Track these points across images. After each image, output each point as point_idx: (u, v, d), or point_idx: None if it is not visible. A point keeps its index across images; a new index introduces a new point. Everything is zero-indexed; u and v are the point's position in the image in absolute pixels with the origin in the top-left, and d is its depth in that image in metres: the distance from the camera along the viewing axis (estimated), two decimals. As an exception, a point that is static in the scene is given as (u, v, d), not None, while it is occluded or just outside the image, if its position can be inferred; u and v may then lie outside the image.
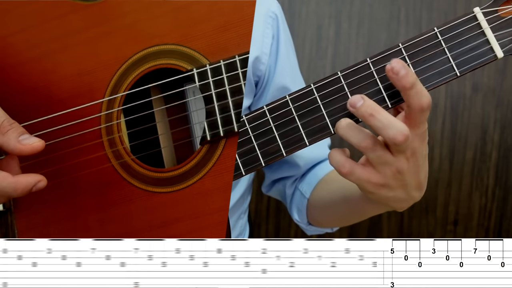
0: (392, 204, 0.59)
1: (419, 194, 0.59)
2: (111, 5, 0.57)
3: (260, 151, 0.57)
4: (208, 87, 0.56)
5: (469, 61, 0.55)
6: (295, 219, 0.88)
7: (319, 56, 1.37)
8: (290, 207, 0.89)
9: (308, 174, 0.86)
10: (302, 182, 0.86)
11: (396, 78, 0.51)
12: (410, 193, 0.58)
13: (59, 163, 0.59)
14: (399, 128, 0.51)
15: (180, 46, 0.57)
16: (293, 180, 0.88)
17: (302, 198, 0.85)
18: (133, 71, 0.57)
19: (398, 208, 0.61)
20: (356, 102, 0.53)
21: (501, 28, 0.55)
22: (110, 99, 0.57)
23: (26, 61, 0.59)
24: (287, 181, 0.89)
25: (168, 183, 0.57)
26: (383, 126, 0.52)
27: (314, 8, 1.36)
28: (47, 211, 0.59)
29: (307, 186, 0.85)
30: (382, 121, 0.52)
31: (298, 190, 0.87)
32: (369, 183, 0.55)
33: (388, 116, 0.52)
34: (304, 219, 0.86)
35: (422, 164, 0.56)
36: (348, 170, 0.55)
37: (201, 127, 0.59)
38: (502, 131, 1.38)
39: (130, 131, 0.61)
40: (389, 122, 0.51)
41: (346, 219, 0.79)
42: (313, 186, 0.84)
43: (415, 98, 0.51)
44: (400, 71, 0.51)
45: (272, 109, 0.57)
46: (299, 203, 0.86)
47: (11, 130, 0.52)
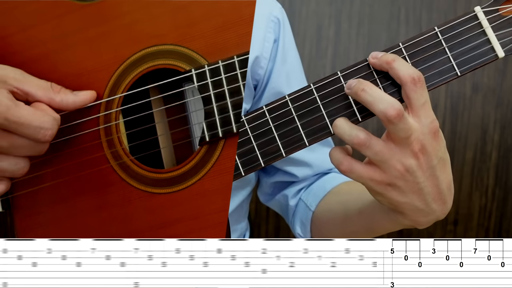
0: (411, 215, 0.57)
1: (441, 208, 0.57)
2: (109, 5, 0.57)
3: (259, 152, 0.57)
4: (207, 87, 0.56)
5: (469, 61, 0.55)
6: (297, 233, 0.85)
7: (319, 56, 1.37)
8: (292, 221, 0.86)
9: (313, 186, 0.84)
10: (307, 194, 0.84)
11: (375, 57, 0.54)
12: (430, 204, 0.55)
13: (58, 164, 0.58)
14: (390, 101, 0.51)
15: (179, 47, 0.56)
16: (296, 190, 0.86)
17: (306, 210, 0.82)
18: (131, 72, 0.57)
19: (419, 223, 0.58)
20: (352, 82, 0.54)
21: (502, 28, 0.55)
22: (108, 100, 0.57)
23: (26, 61, 0.59)
24: (290, 190, 0.86)
25: (167, 184, 0.57)
26: (374, 100, 0.51)
27: (314, 8, 1.36)
28: (46, 212, 0.59)
29: (312, 198, 0.82)
30: (373, 95, 0.52)
31: (302, 201, 0.84)
32: (372, 181, 0.54)
33: (380, 91, 0.52)
34: (307, 234, 0.83)
35: (440, 168, 0.54)
36: (347, 167, 0.54)
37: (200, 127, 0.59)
38: (502, 131, 1.38)
39: (129, 131, 0.61)
40: (380, 97, 0.51)
41: (357, 234, 0.72)
42: (320, 198, 0.81)
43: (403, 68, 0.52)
44: (378, 53, 0.54)
45: (272, 109, 0.57)
46: (303, 215, 0.83)
47: (63, 89, 0.56)
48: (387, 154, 0.52)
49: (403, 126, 0.51)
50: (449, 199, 0.57)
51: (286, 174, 0.85)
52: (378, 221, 0.65)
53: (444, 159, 0.55)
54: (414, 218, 0.58)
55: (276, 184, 0.89)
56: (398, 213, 0.58)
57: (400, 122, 0.51)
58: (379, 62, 0.54)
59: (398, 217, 0.59)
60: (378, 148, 0.52)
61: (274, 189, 0.90)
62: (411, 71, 0.52)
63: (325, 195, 0.81)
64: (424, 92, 0.52)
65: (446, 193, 0.56)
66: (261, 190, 0.93)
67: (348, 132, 0.53)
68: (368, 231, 0.70)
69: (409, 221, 0.59)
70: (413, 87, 0.52)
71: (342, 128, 0.54)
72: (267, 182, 0.89)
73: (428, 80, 0.55)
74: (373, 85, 0.53)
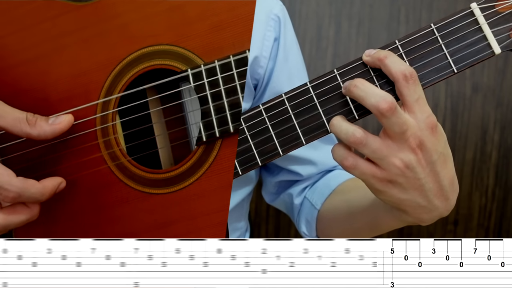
0: (413, 212, 0.57)
1: (443, 204, 0.56)
2: (104, 6, 0.57)
3: (256, 150, 0.57)
4: (203, 87, 0.56)
5: (466, 58, 0.54)
6: (303, 232, 0.84)
7: (319, 56, 1.37)
8: (298, 219, 0.86)
9: (318, 184, 0.84)
10: (312, 192, 0.83)
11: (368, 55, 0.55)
12: (432, 200, 0.55)
13: (55, 165, 0.58)
14: (382, 95, 0.51)
15: (174, 47, 0.56)
16: (301, 189, 0.85)
17: (312, 209, 0.82)
18: (127, 72, 0.57)
19: (422, 220, 0.58)
20: (347, 83, 0.54)
21: (499, 24, 0.54)
22: (105, 100, 0.57)
23: (21, 62, 0.59)
24: (294, 189, 0.86)
25: (164, 184, 0.57)
26: (366, 95, 0.52)
27: (314, 8, 1.36)
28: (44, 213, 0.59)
29: (318, 197, 0.82)
30: (365, 90, 0.52)
31: (307, 200, 0.84)
32: (374, 178, 0.54)
33: (372, 86, 0.52)
34: (313, 232, 0.82)
35: (441, 163, 0.54)
36: (352, 163, 0.54)
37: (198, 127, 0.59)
38: (502, 131, 1.38)
39: (126, 132, 0.61)
40: (372, 91, 0.52)
41: (361, 231, 0.73)
42: (325, 197, 0.81)
43: (394, 65, 0.52)
44: (371, 51, 0.55)
45: (268, 108, 0.57)
46: (308, 214, 0.83)
47: (39, 119, 0.54)
48: (385, 151, 0.52)
49: (396, 120, 0.51)
50: (451, 195, 0.57)
51: (290, 173, 0.85)
52: (381, 218, 0.65)
53: (445, 155, 0.55)
54: (417, 215, 0.57)
55: (280, 183, 0.89)
56: (401, 210, 0.58)
57: (393, 115, 0.50)
58: (372, 59, 0.54)
59: (401, 214, 0.59)
60: (375, 145, 0.52)
61: (278, 188, 0.90)
62: (402, 67, 0.52)
63: (330, 193, 0.81)
64: (417, 88, 0.52)
65: (448, 189, 0.56)
66: (265, 190, 0.93)
67: (345, 130, 0.53)
68: (372, 229, 0.70)
69: (412, 218, 0.58)
70: (405, 84, 0.52)
71: (338, 127, 0.54)
72: (271, 182, 0.89)
73: (425, 77, 0.55)
74: (365, 81, 0.53)
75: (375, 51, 0.54)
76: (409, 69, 0.52)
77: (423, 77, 0.54)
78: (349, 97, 0.55)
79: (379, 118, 0.52)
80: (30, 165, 0.58)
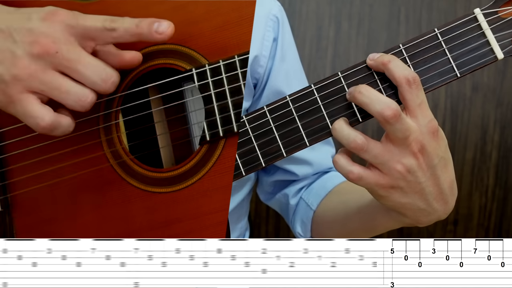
0: (412, 215, 0.57)
1: (442, 208, 0.57)
2: (109, 5, 0.57)
3: (260, 152, 0.57)
4: (208, 87, 0.56)
5: (469, 62, 0.55)
6: (297, 232, 0.84)
7: (319, 56, 1.37)
8: (292, 220, 0.86)
9: (314, 185, 0.84)
10: (308, 193, 0.84)
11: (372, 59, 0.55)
12: (432, 204, 0.56)
13: (57, 163, 0.58)
14: (387, 102, 0.51)
15: (179, 46, 0.56)
16: (297, 189, 0.85)
17: (307, 210, 0.82)
18: (131, 71, 0.57)
19: (420, 222, 0.58)
20: (352, 89, 0.54)
21: (502, 29, 0.55)
22: (108, 99, 0.57)
23: None
24: (290, 189, 0.86)
25: (167, 183, 0.57)
26: (370, 101, 0.52)
27: (314, 8, 1.36)
28: (46, 211, 0.59)
29: (314, 197, 0.82)
30: (370, 97, 0.52)
31: (303, 201, 0.84)
32: (377, 185, 0.54)
33: (376, 92, 0.53)
34: (307, 233, 0.83)
35: (441, 167, 0.55)
36: (357, 175, 0.54)
37: (199, 127, 0.59)
38: (502, 131, 1.38)
39: (129, 131, 0.61)
40: (376, 98, 0.52)
41: (357, 232, 0.73)
42: (321, 198, 0.81)
43: (398, 70, 0.52)
44: (375, 55, 0.55)
45: (273, 110, 0.57)
46: (303, 215, 0.83)
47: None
48: (386, 156, 0.53)
49: (400, 127, 0.51)
50: (451, 199, 0.57)
51: (286, 173, 0.85)
52: (378, 220, 0.66)
53: (446, 159, 0.55)
54: (416, 218, 0.58)
55: (276, 183, 0.89)
56: (400, 213, 0.58)
57: (397, 122, 0.51)
58: (376, 63, 0.55)
59: (399, 216, 0.59)
60: (376, 151, 0.53)
61: (274, 188, 0.90)
62: (406, 72, 0.52)
63: (326, 194, 0.81)
64: (420, 92, 0.53)
65: (448, 193, 0.57)
66: (261, 189, 0.93)
67: (346, 136, 0.53)
68: (368, 230, 0.70)
69: (410, 220, 0.59)
70: (408, 88, 0.52)
71: (340, 132, 0.54)
72: (267, 181, 0.89)
73: (428, 81, 0.55)
74: (369, 87, 0.53)
75: (379, 55, 0.55)
76: (412, 74, 0.52)
77: (426, 81, 0.55)
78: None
79: (383, 125, 0.52)
80: (32, 163, 0.58)
